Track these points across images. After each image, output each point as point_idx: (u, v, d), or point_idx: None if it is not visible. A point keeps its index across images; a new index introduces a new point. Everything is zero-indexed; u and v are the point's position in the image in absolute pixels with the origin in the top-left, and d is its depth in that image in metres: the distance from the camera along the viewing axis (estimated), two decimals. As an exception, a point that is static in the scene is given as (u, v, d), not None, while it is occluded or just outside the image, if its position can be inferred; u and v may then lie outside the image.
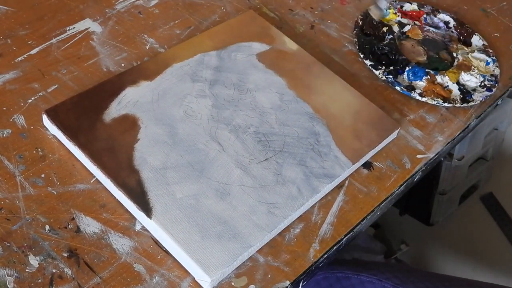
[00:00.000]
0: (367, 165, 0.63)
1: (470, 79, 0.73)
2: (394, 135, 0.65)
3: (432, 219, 1.10)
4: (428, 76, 0.72)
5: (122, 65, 0.65)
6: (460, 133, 0.69)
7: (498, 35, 0.83)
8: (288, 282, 0.52)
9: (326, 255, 0.55)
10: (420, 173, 0.65)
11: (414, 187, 0.68)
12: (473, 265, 1.26)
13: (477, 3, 0.88)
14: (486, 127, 1.00)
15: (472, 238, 1.25)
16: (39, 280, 0.47)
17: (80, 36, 0.67)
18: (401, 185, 0.62)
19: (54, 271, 0.48)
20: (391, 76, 0.71)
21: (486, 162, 1.10)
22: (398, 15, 0.80)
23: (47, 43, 0.65)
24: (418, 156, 0.65)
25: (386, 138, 0.64)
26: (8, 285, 0.46)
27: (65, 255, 0.49)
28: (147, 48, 0.68)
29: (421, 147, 0.66)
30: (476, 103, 0.71)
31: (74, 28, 0.67)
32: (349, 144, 0.62)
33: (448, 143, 0.68)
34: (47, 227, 0.51)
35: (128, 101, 0.59)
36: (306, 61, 0.69)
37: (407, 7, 0.82)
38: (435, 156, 0.66)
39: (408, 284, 0.69)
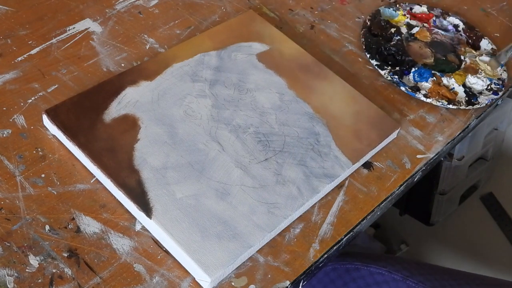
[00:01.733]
0: (367, 165, 0.63)
1: (477, 82, 0.73)
2: (394, 135, 0.65)
3: (432, 219, 1.10)
4: (434, 78, 0.72)
5: (122, 65, 0.65)
6: (460, 133, 0.69)
7: (498, 35, 0.83)
8: (288, 282, 0.52)
9: (326, 255, 0.55)
10: (420, 173, 0.65)
11: (414, 187, 0.68)
12: (473, 265, 1.26)
13: (477, 3, 0.87)
14: (486, 127, 1.00)
15: (472, 238, 1.25)
16: (39, 280, 0.47)
17: (80, 36, 0.67)
18: (401, 185, 0.62)
19: (54, 271, 0.48)
20: (396, 77, 0.71)
21: (486, 162, 1.10)
22: (407, 17, 0.80)
23: (47, 43, 0.65)
24: (418, 156, 0.65)
25: (386, 138, 0.64)
26: (8, 285, 0.46)
27: (65, 255, 0.49)
28: (147, 48, 0.68)
29: (421, 147, 0.66)
30: (481, 105, 0.71)
31: (74, 28, 0.67)
32: (349, 144, 0.62)
33: (448, 143, 0.68)
34: (47, 227, 0.51)
35: (128, 101, 0.59)
36: (306, 61, 0.69)
37: (417, 9, 0.81)
38: (435, 156, 0.66)
39: (417, 276, 0.68)
